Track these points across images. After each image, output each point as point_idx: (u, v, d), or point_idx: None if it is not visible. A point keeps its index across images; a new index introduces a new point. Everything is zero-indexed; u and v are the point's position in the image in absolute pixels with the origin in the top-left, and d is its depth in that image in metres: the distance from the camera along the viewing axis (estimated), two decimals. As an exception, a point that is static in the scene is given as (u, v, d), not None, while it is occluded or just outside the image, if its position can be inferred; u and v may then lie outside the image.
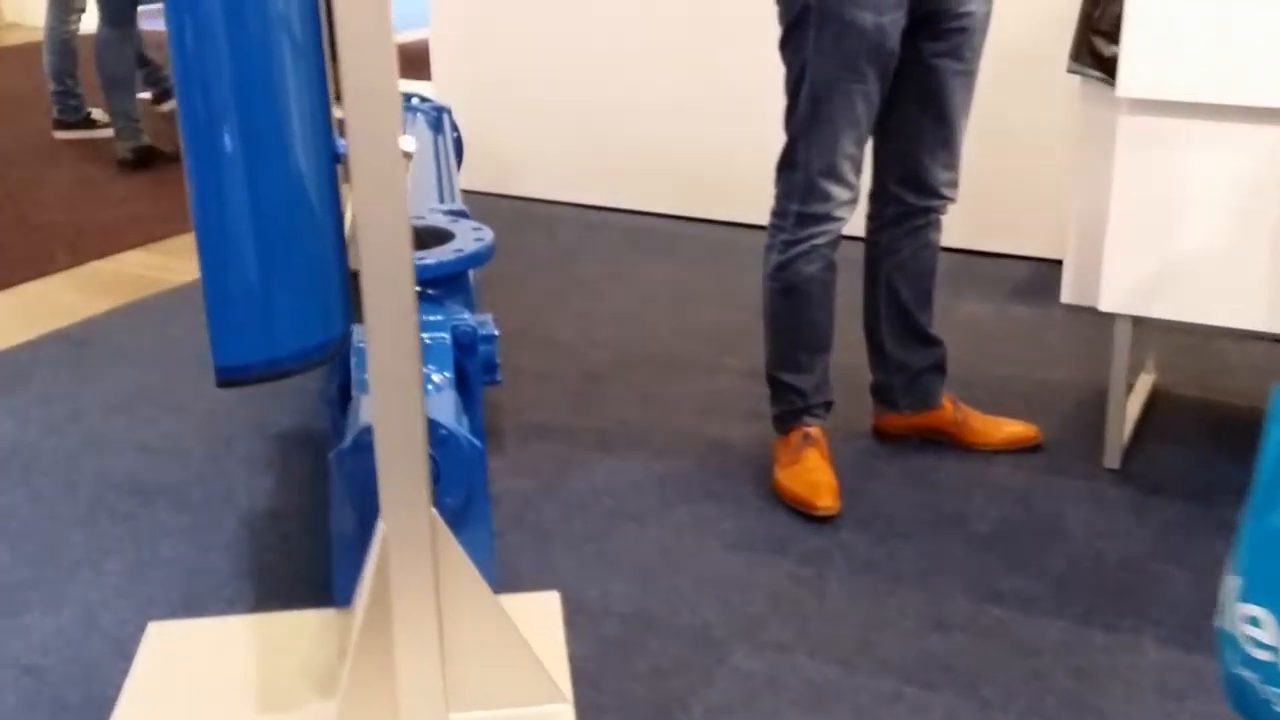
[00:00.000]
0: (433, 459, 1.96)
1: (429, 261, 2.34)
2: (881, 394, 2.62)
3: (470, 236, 2.44)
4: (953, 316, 3.28)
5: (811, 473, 2.40)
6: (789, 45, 2.24)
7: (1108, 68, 3.21)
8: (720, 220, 4.08)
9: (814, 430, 2.46)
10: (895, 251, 2.48)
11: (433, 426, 1.99)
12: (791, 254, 2.35)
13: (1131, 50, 2.25)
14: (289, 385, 2.89)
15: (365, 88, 1.49)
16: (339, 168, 1.62)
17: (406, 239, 1.57)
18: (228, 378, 1.52)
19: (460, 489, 2.01)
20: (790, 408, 2.47)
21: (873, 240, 2.46)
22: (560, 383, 2.95)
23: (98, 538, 2.31)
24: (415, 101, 4.11)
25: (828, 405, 2.49)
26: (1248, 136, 2.20)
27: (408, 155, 1.55)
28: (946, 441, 2.61)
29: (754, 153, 4.00)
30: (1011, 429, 2.60)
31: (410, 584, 1.71)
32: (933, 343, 2.57)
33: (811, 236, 2.33)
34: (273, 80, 1.44)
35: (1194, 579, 2.14)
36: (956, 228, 3.76)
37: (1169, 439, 2.61)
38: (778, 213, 2.37)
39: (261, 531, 2.33)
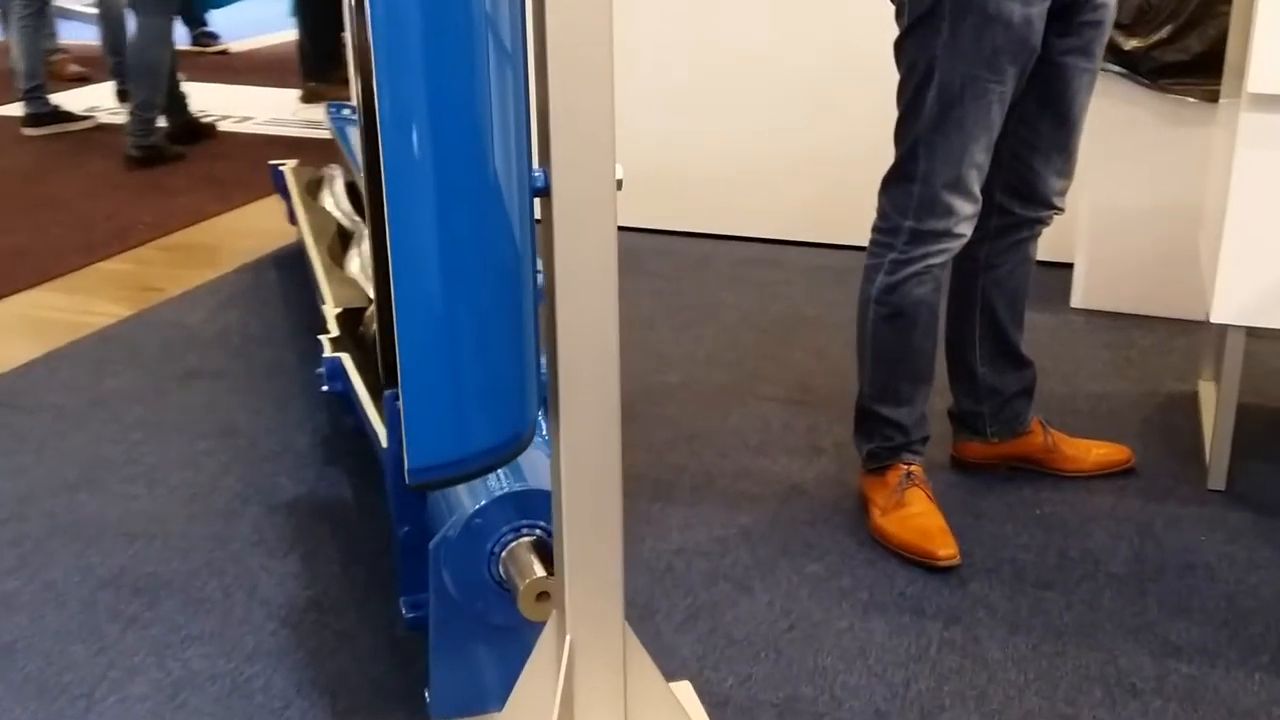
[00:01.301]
0: (547, 533, 1.66)
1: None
2: (966, 421, 2.39)
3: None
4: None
5: (920, 517, 2.16)
6: (912, 42, 1.99)
7: (1127, 62, 3.08)
8: (685, 232, 3.81)
9: (916, 469, 2.21)
10: (994, 266, 2.25)
11: (542, 498, 1.67)
12: (902, 275, 2.10)
13: (1264, 45, 2.05)
14: (272, 444, 2.51)
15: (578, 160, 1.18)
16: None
17: (613, 310, 1.25)
18: (422, 479, 1.18)
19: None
20: (888, 444, 2.22)
21: (970, 254, 2.23)
22: (587, 424, 2.63)
23: (108, 653, 1.90)
24: (347, 112, 3.74)
25: (925, 440, 2.25)
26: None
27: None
28: (1033, 469, 2.40)
29: (711, 161, 3.81)
30: (1103, 452, 2.41)
31: (600, 699, 1.40)
32: (1025, 364, 2.35)
33: (927, 256, 2.08)
34: (491, 172, 1.13)
35: (1365, 613, 1.98)
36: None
37: (1261, 454, 2.46)
38: (886, 229, 2.11)
39: (308, 629, 1.96)
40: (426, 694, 1.77)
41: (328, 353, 2.31)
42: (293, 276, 3.46)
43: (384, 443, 1.96)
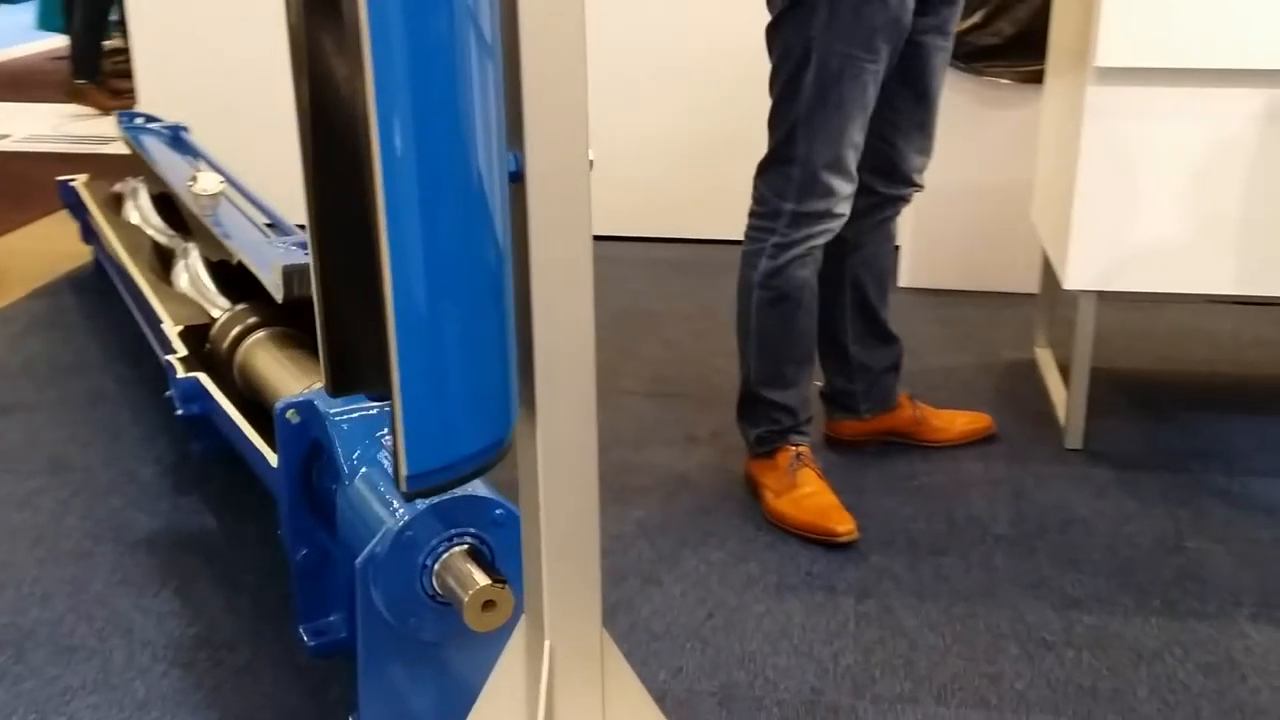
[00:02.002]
0: (485, 542, 1.59)
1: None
2: (840, 400, 2.43)
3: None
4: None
5: (814, 496, 2.17)
6: (788, 26, 1.99)
7: (958, 54, 3.19)
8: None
9: (804, 449, 2.23)
10: (861, 246, 2.29)
11: (487, 505, 1.61)
12: (785, 258, 2.11)
13: (1112, 20, 2.15)
14: (112, 476, 2.33)
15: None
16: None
17: (589, 298, 1.20)
18: (419, 486, 1.10)
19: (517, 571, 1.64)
20: (776, 428, 2.22)
21: (837, 235, 2.25)
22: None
23: (-22, 716, 1.72)
24: (140, 121, 3.52)
25: (809, 420, 2.27)
26: (1219, 100, 2.18)
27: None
28: (903, 442, 2.46)
29: None
30: (966, 421, 2.49)
31: (580, 705, 1.34)
32: (893, 340, 2.41)
33: (810, 237, 2.10)
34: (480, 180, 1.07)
35: (1231, 552, 2.10)
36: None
37: (1107, 413, 2.59)
38: (765, 214, 2.12)
39: (202, 669, 1.82)
40: (352, 721, 1.67)
41: (181, 374, 2.16)
42: (95, 298, 3.23)
43: (273, 461, 1.84)
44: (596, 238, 1.17)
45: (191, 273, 2.71)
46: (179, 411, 2.17)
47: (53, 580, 2.04)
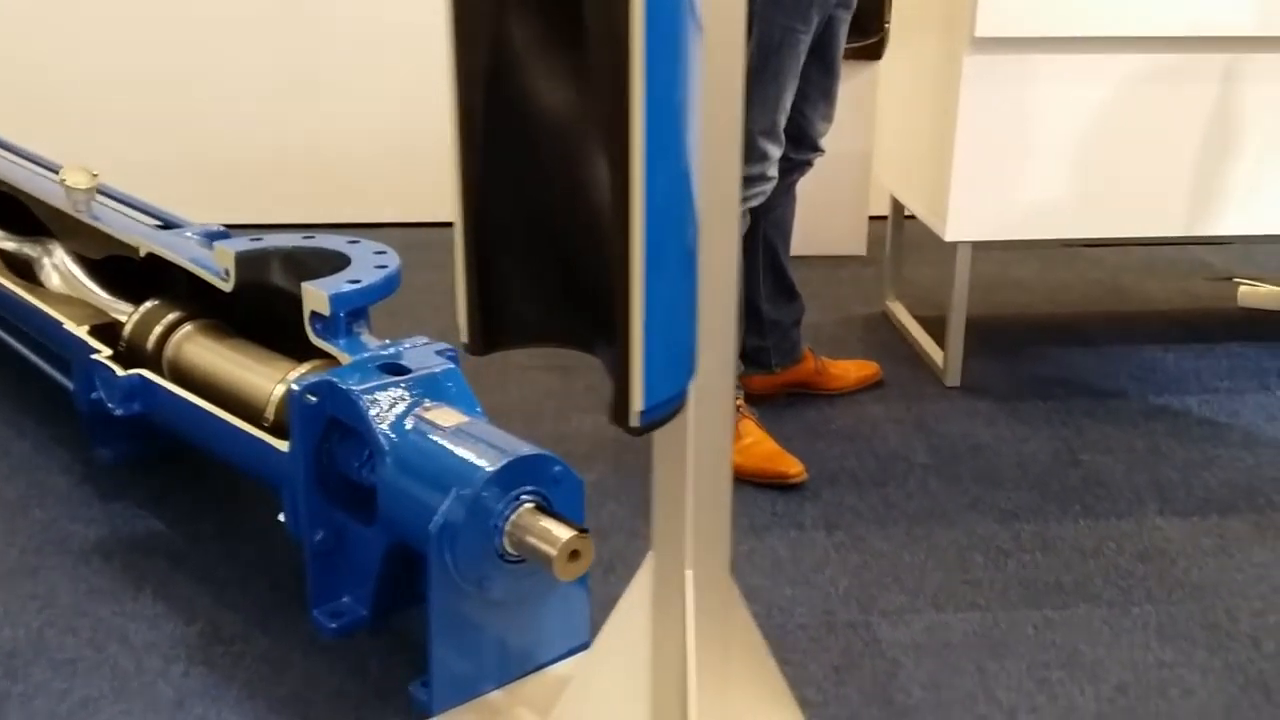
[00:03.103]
0: (545, 498, 1.64)
1: (374, 282, 1.92)
2: (753, 357, 2.57)
3: (373, 259, 2.01)
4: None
5: (760, 444, 2.31)
6: None
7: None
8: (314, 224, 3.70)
9: (741, 402, 2.36)
10: (772, 209, 2.44)
11: (547, 462, 1.66)
12: (719, 220, 2.23)
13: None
14: (20, 491, 2.20)
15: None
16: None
17: (733, 274, 1.30)
18: (647, 420, 1.16)
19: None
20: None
21: (751, 200, 2.40)
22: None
23: (1, 738, 1.62)
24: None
25: (742, 374, 2.40)
26: (1087, 66, 2.46)
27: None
28: (806, 392, 2.63)
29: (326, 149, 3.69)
30: (857, 369, 2.69)
31: (710, 633, 1.42)
32: (796, 296, 2.57)
33: (746, 200, 2.22)
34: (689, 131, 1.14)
35: (1119, 461, 2.38)
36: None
37: (970, 353, 2.85)
38: (698, 179, 2.23)
39: (226, 663, 1.77)
40: (413, 689, 1.67)
41: (121, 372, 2.07)
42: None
43: (280, 446, 1.81)
44: (419, 225, 1.26)
45: (63, 273, 2.56)
46: (118, 412, 2.07)
47: (11, 600, 1.91)
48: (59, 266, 2.58)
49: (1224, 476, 2.31)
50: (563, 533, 1.57)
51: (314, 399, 1.76)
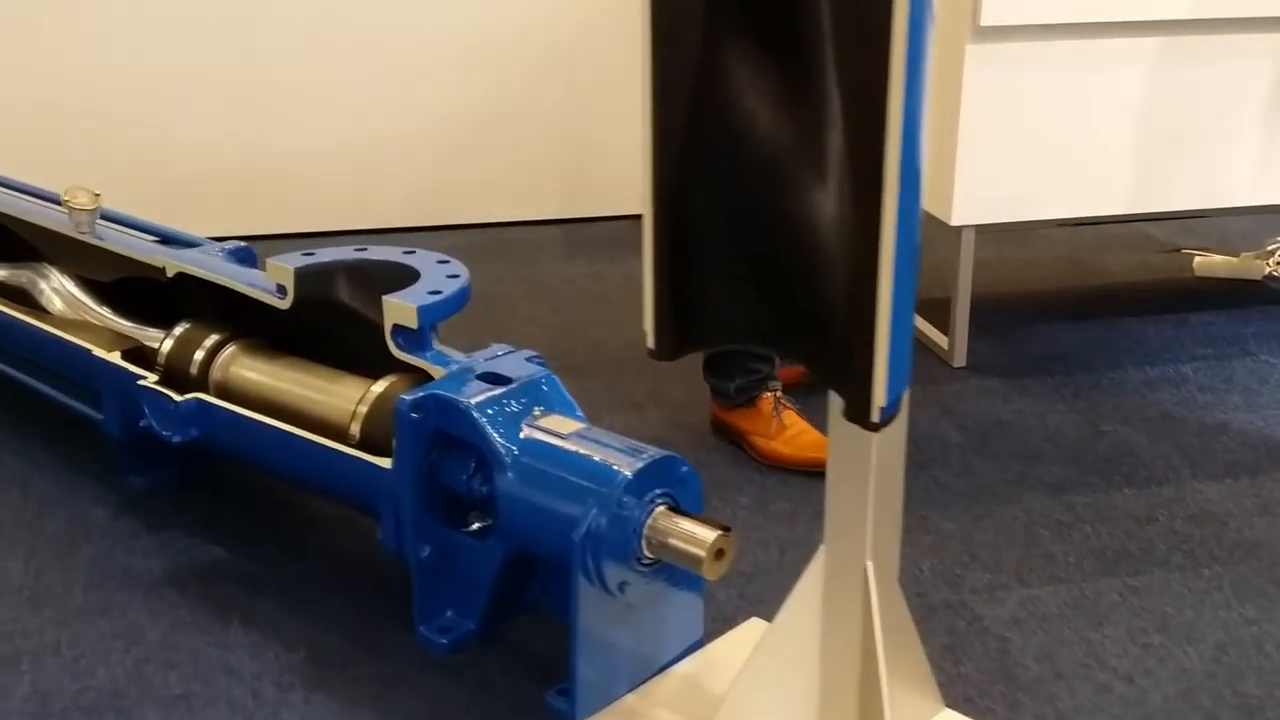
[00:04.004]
0: (675, 498, 1.66)
1: (454, 293, 1.89)
2: (775, 348, 2.61)
3: (440, 269, 1.98)
4: (626, 280, 3.32)
5: (806, 433, 2.35)
6: None
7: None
8: (292, 234, 3.62)
9: (780, 393, 2.40)
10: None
11: (675, 463, 1.67)
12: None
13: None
14: (61, 527, 2.12)
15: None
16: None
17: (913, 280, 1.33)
18: (884, 417, 1.18)
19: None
20: (755, 376, 2.38)
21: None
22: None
23: (135, 783, 1.56)
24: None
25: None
26: (1089, 51, 2.55)
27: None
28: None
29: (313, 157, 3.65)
30: (869, 354, 2.75)
31: (890, 618, 1.45)
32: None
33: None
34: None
35: (1139, 430, 2.48)
36: (555, 198, 3.79)
37: (972, 333, 2.93)
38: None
39: (343, 686, 1.74)
40: (551, 699, 1.67)
41: (179, 397, 2.00)
42: None
43: (382, 464, 1.78)
44: (391, 230, 1.30)
45: (66, 297, 2.46)
46: (175, 439, 2.01)
47: (93, 639, 1.84)
48: (60, 291, 2.48)
49: (1240, 439, 2.44)
50: (708, 534, 1.58)
51: (421, 414, 1.74)
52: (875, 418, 1.17)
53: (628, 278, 3.40)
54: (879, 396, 1.16)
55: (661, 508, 1.63)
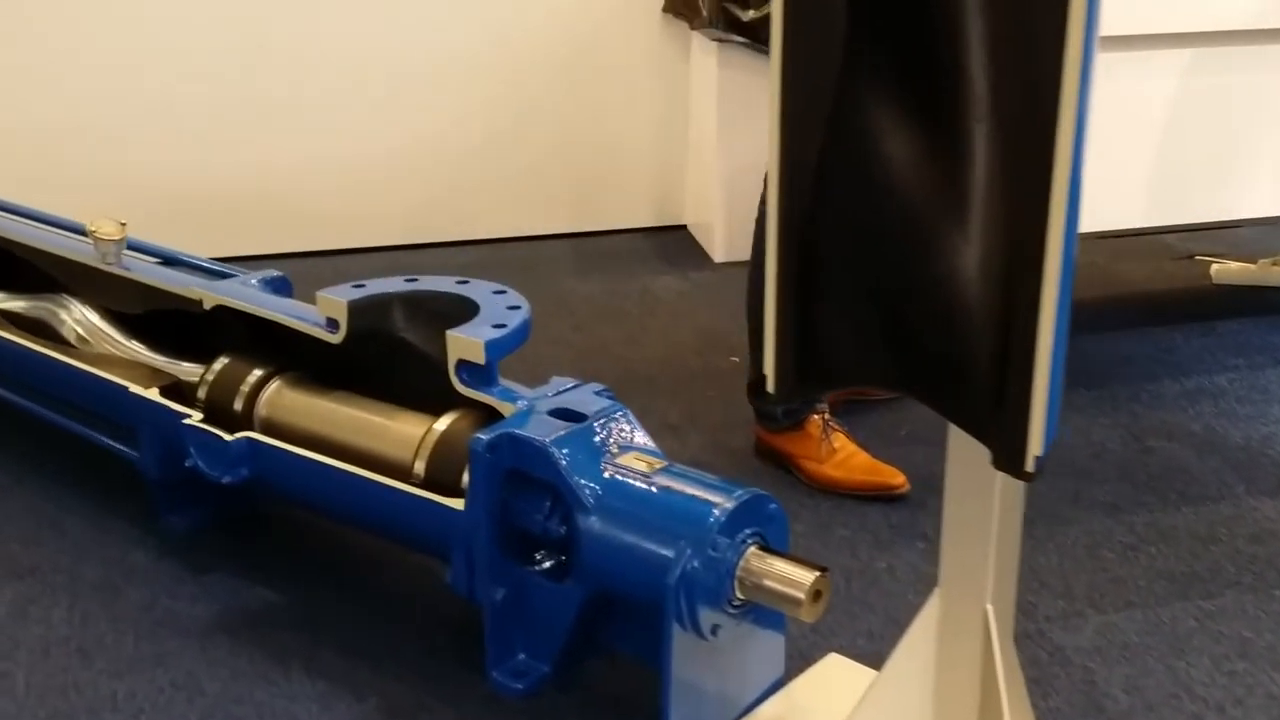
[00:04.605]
0: (764, 537, 1.61)
1: (517, 326, 1.84)
2: (815, 368, 2.57)
3: (498, 300, 1.93)
4: (645, 295, 3.28)
5: (857, 456, 2.32)
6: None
7: (748, 32, 3.40)
8: (298, 253, 3.55)
9: (828, 415, 2.36)
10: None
11: (764, 501, 1.62)
12: (812, 237, 2.22)
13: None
14: (98, 573, 2.05)
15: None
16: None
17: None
18: (1038, 467, 1.14)
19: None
20: (806, 400, 2.33)
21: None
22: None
23: None
24: None
25: (822, 388, 2.40)
26: (1131, 63, 2.53)
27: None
28: (860, 399, 2.64)
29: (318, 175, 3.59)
30: (905, 371, 2.72)
31: (1007, 659, 1.41)
32: (854, 305, 2.58)
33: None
34: None
35: (1184, 445, 2.46)
36: (562, 212, 3.74)
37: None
38: (789, 196, 2.21)
39: (415, 740, 1.68)
40: (640, 747, 1.63)
41: (229, 436, 1.93)
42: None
43: (454, 505, 1.72)
44: (399, 247, 1.26)
45: (89, 331, 2.38)
46: (225, 479, 1.94)
47: (151, 693, 1.77)
48: (82, 323, 2.40)
49: (1288, 452, 2.43)
50: (806, 575, 1.54)
51: (496, 453, 1.68)
52: (1030, 467, 1.13)
53: (646, 292, 3.36)
54: (1035, 445, 1.12)
55: (753, 548, 1.58)
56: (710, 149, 3.56)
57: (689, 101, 3.74)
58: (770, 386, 1.30)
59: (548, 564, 1.74)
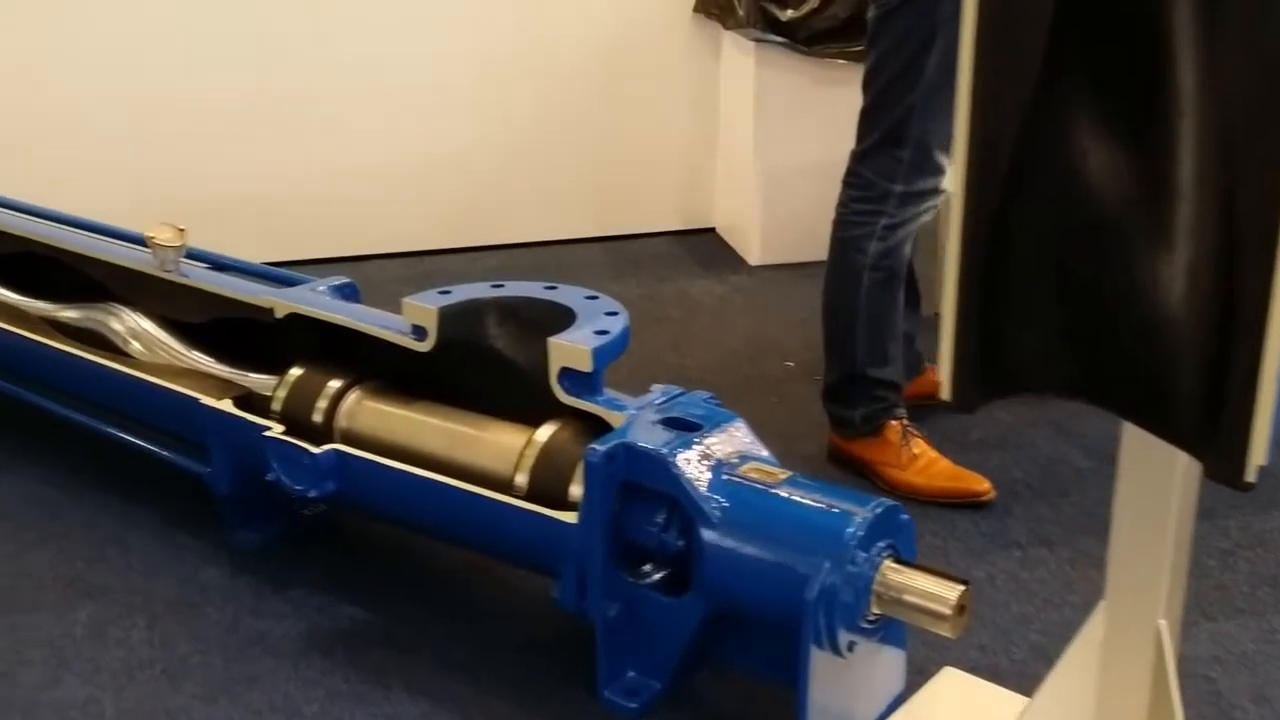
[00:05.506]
0: (896, 549, 1.57)
1: (620, 333, 1.78)
2: (885, 371, 2.53)
3: (593, 306, 1.87)
4: (685, 300, 3.24)
5: (938, 462, 2.27)
6: (909, 13, 2.06)
7: (785, 31, 3.35)
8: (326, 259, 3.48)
9: (907, 421, 2.31)
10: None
11: (896, 511, 1.58)
12: (896, 239, 2.19)
13: None
14: (173, 592, 1.99)
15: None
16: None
17: None
18: (1257, 479, 1.10)
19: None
20: (882, 404, 2.29)
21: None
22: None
23: None
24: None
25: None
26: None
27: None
28: (926, 404, 2.60)
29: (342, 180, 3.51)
30: (968, 375, 2.67)
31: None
32: (919, 304, 2.53)
33: (918, 215, 2.19)
34: None
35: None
36: (591, 215, 3.68)
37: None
38: (873, 197, 2.17)
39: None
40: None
41: (315, 449, 1.86)
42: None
43: (568, 518, 1.66)
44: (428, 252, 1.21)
45: (144, 339, 2.30)
46: (312, 493, 1.88)
47: (247, 715, 1.71)
48: (137, 332, 2.32)
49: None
50: (950, 590, 1.49)
51: (611, 464, 1.63)
52: (1251, 477, 1.09)
53: (684, 296, 3.31)
54: (1258, 455, 1.08)
55: (889, 561, 1.54)
56: (746, 151, 3.51)
57: (719, 103, 3.70)
58: (945, 393, 1.25)
59: (657, 577, 1.69)
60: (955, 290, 1.21)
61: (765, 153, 3.47)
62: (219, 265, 2.32)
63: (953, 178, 1.19)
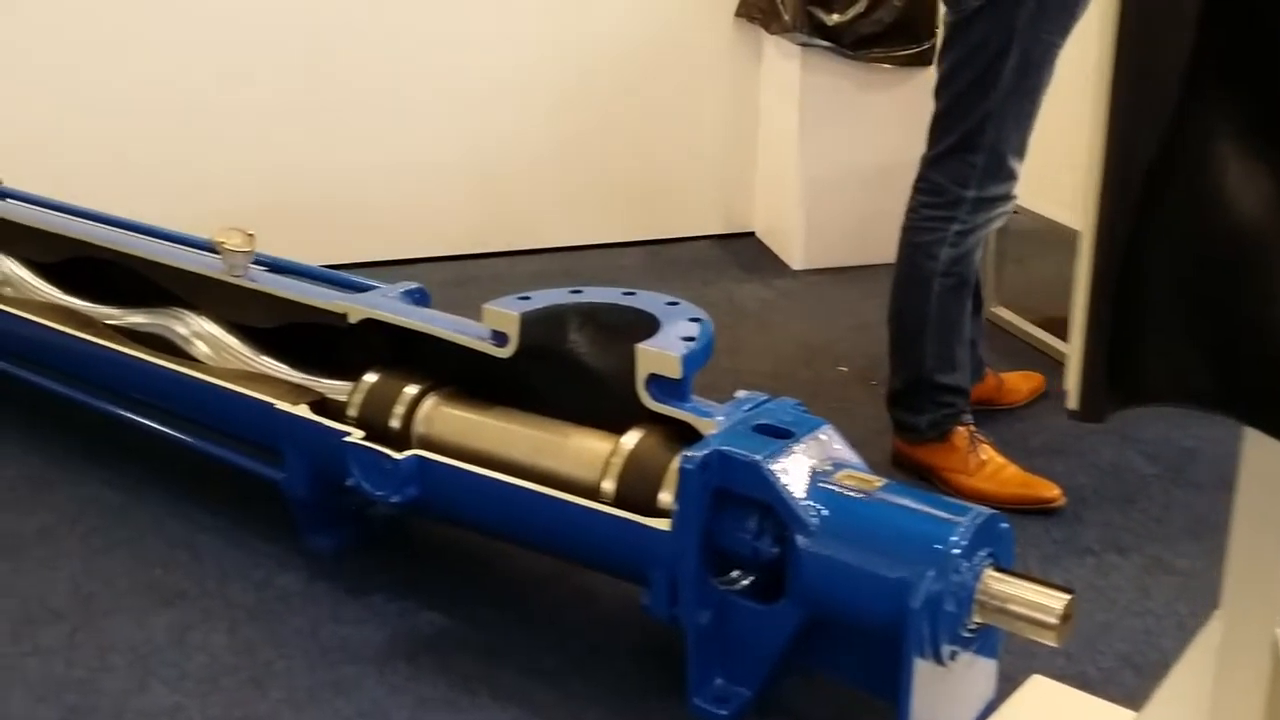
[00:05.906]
0: (997, 558, 1.57)
1: (707, 340, 1.78)
2: (947, 378, 2.52)
3: (675, 312, 1.87)
4: (731, 305, 3.24)
5: (1006, 469, 2.27)
6: (986, 19, 2.05)
7: (831, 35, 3.36)
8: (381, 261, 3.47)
9: (974, 427, 2.31)
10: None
11: (996, 520, 1.58)
12: (967, 245, 2.19)
13: None
14: (249, 595, 1.99)
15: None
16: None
17: None
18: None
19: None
20: (950, 410, 2.29)
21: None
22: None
23: None
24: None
25: (967, 397, 2.36)
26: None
27: None
28: (985, 407, 2.60)
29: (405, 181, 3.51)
30: (1026, 380, 2.68)
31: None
32: (981, 310, 2.53)
33: (990, 221, 2.19)
34: None
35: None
36: (631, 219, 3.68)
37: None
38: (944, 203, 2.17)
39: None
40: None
41: (398, 454, 1.86)
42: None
43: (660, 525, 1.66)
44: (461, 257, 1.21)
45: (212, 343, 2.30)
46: (394, 499, 1.87)
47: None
48: (204, 337, 2.32)
49: None
50: (1056, 599, 1.49)
51: (705, 471, 1.63)
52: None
53: (731, 301, 3.31)
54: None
55: (990, 569, 1.54)
56: (791, 155, 3.51)
57: (759, 107, 3.70)
58: (1072, 402, 1.25)
59: (745, 583, 1.69)
60: (1087, 300, 1.21)
61: (810, 157, 3.47)
62: (281, 269, 2.32)
63: (1086, 186, 1.19)
